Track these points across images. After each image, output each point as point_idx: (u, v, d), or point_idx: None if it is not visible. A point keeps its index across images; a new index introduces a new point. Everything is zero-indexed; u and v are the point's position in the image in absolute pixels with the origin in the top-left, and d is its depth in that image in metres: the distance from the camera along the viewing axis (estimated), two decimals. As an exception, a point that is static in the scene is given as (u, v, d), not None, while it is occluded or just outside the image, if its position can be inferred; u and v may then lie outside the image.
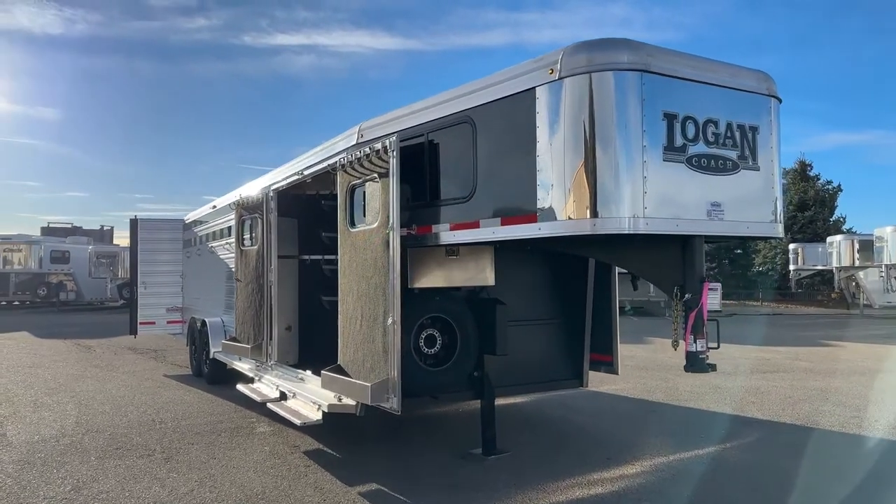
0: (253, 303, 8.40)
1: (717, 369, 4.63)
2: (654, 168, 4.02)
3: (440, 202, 5.20)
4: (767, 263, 39.26)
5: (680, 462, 6.20)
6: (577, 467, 5.98)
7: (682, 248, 4.43)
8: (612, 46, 4.08)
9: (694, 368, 4.47)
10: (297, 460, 6.32)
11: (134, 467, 6.15)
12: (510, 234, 4.47)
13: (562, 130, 4.11)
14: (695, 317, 4.33)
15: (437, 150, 5.22)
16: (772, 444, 6.83)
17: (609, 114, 3.99)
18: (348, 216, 5.85)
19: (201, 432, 7.45)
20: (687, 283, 4.40)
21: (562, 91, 4.11)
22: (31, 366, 13.08)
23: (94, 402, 9.23)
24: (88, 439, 7.17)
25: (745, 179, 4.49)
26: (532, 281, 6.92)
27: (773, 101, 4.69)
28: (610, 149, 3.99)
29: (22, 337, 19.29)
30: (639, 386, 10.11)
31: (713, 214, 4.28)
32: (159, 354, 14.66)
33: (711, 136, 4.28)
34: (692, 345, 4.41)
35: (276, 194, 7.99)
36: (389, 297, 5.10)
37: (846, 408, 8.57)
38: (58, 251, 32.19)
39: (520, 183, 4.36)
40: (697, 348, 4.41)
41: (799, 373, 11.73)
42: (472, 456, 6.32)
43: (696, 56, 4.37)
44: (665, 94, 4.08)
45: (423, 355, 6.14)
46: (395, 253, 5.08)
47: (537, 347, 6.94)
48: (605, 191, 3.98)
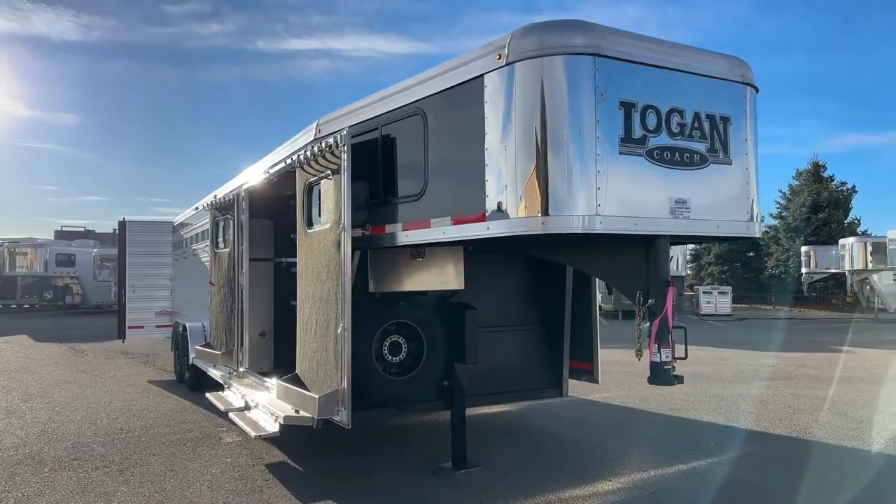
0: (225, 307, 8.11)
1: (683, 381, 4.24)
2: (608, 162, 3.66)
3: (394, 200, 4.86)
4: (780, 266, 38.49)
5: (660, 478, 5.81)
6: (549, 483, 5.61)
7: (645, 250, 4.05)
8: (563, 28, 3.72)
9: (658, 380, 4.09)
10: (257, 474, 6.00)
11: (85, 480, 5.87)
12: (460, 234, 4.12)
13: (511, 122, 3.76)
14: (659, 324, 3.95)
15: (392, 144, 4.89)
16: (761, 459, 6.41)
17: (560, 104, 3.63)
18: (306, 216, 5.54)
19: (167, 442, 7.16)
20: (651, 287, 4.02)
21: (510, 78, 3.76)
22: (19, 370, 12.91)
23: (67, 409, 8.99)
24: (49, 449, 6.91)
25: (716, 174, 4.10)
26: (507, 285, 6.56)
27: (748, 89, 4.30)
28: (561, 143, 3.63)
29: (20, 340, 19.20)
30: (632, 394, 9.71)
31: (678, 212, 3.90)
32: (150, 359, 14.44)
33: (676, 127, 3.90)
34: (656, 354, 4.03)
35: (247, 194, 7.68)
36: (340, 303, 4.77)
37: (847, 418, 8.13)
38: (63, 254, 32.21)
39: (469, 179, 4.02)
40: (662, 358, 4.02)
41: (803, 380, 11.25)
42: (441, 470, 5.98)
43: (660, 39, 3.99)
44: (622, 80, 3.71)
45: (387, 364, 5.81)
46: (345, 255, 4.75)
47: (513, 355, 6.58)
48: (556, 187, 3.62)
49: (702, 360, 13.97)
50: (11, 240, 32.95)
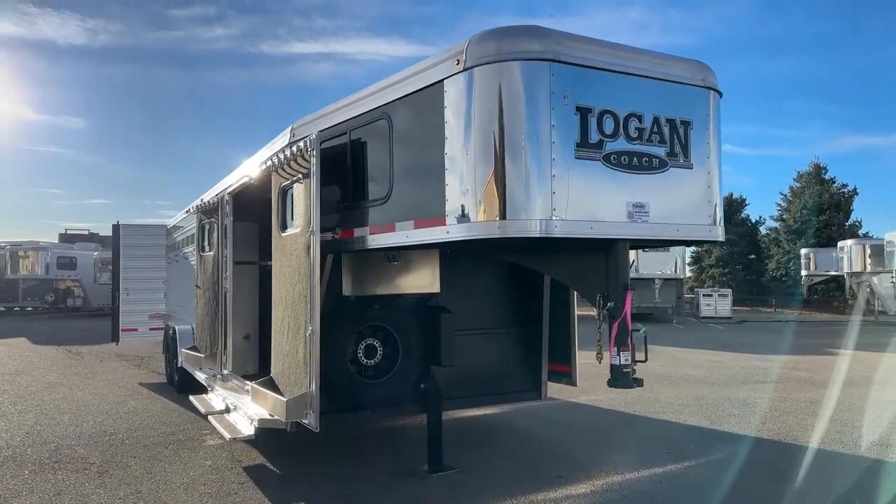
0: (210, 311, 8.14)
1: (643, 384, 4.25)
2: (564, 167, 3.67)
3: (363, 204, 4.89)
4: (781, 269, 38.36)
5: (635, 481, 5.81)
6: (522, 485, 5.62)
7: (605, 254, 4.06)
8: (520, 34, 3.74)
9: (618, 384, 4.10)
10: (234, 477, 6.03)
11: (63, 482, 5.91)
12: (422, 238, 4.15)
13: (470, 127, 3.79)
14: (618, 327, 3.96)
15: (361, 148, 4.92)
16: (740, 462, 6.41)
17: (516, 109, 3.65)
18: (280, 220, 5.57)
19: (149, 444, 7.20)
20: (610, 290, 4.03)
21: (468, 83, 3.79)
22: (13, 373, 12.97)
23: (56, 411, 9.04)
24: (32, 451, 6.95)
25: (676, 178, 4.11)
26: (485, 288, 6.58)
27: (711, 93, 4.31)
28: (518, 148, 3.65)
29: (18, 343, 19.29)
30: (619, 397, 9.68)
31: (636, 216, 3.91)
32: (143, 362, 14.50)
33: (634, 132, 3.91)
34: (616, 357, 4.04)
35: (231, 198, 7.72)
36: (308, 306, 4.80)
37: (832, 422, 8.11)
38: (65, 257, 32.31)
39: (431, 183, 4.04)
40: (621, 361, 4.03)
41: (793, 383, 11.22)
42: (417, 473, 5.99)
43: (619, 44, 4.01)
44: (578, 85, 3.73)
45: (363, 366, 5.83)
46: (315, 258, 4.78)
47: (491, 358, 6.59)
48: (513, 192, 3.64)
49: (695, 363, 13.97)
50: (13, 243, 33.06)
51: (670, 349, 16.97)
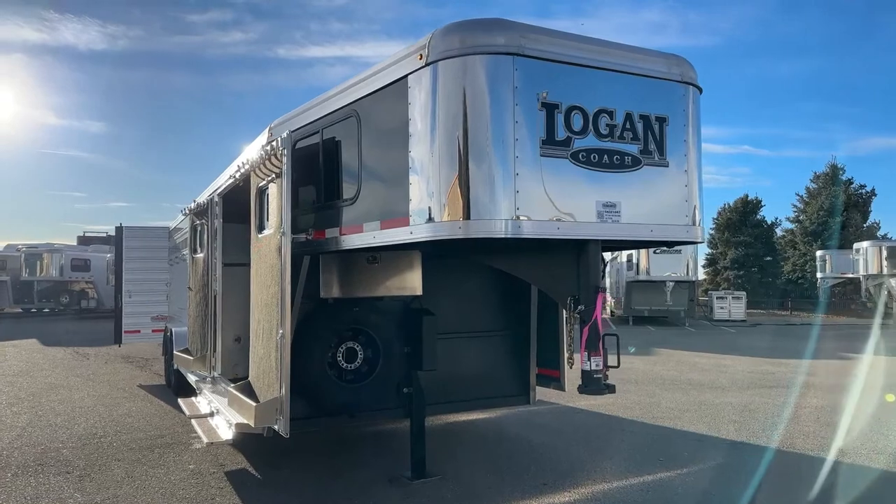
0: (200, 313, 8.09)
1: (615, 391, 4.09)
2: (528, 165, 3.54)
3: (336, 204, 4.78)
4: (797, 271, 37.74)
5: (620, 490, 5.65)
6: (504, 493, 5.50)
7: (577, 255, 3.91)
8: (483, 27, 3.61)
9: (588, 389, 3.95)
10: (214, 482, 5.95)
11: (44, 485, 5.87)
12: (387, 239, 4.03)
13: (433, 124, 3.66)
14: (589, 331, 3.81)
15: (332, 147, 4.82)
16: (731, 470, 6.22)
17: (479, 105, 3.53)
18: (258, 221, 5.48)
19: (136, 447, 7.15)
20: (581, 292, 3.88)
21: (432, 78, 3.67)
22: (17, 374, 13.05)
23: (50, 413, 9.04)
24: (19, 454, 6.94)
25: (651, 177, 3.96)
26: (470, 291, 6.44)
27: (689, 88, 4.14)
28: (481, 146, 3.52)
29: (27, 344, 19.44)
30: (618, 402, 9.50)
31: (606, 216, 3.77)
32: (147, 364, 14.53)
33: (605, 129, 3.76)
34: (586, 362, 3.89)
35: (220, 199, 7.66)
36: (279, 308, 4.70)
37: (834, 428, 7.87)
38: (79, 259, 32.63)
39: (395, 182, 3.93)
40: (592, 366, 3.88)
41: (800, 388, 10.95)
42: (398, 479, 5.87)
43: (588, 37, 3.86)
44: (544, 80, 3.59)
45: (342, 371, 5.73)
46: (285, 260, 4.68)
47: (477, 362, 6.46)
48: (476, 191, 3.52)
49: (700, 367, 13.72)
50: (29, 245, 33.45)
51: (678, 352, 16.71)
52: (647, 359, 15.16)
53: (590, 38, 3.87)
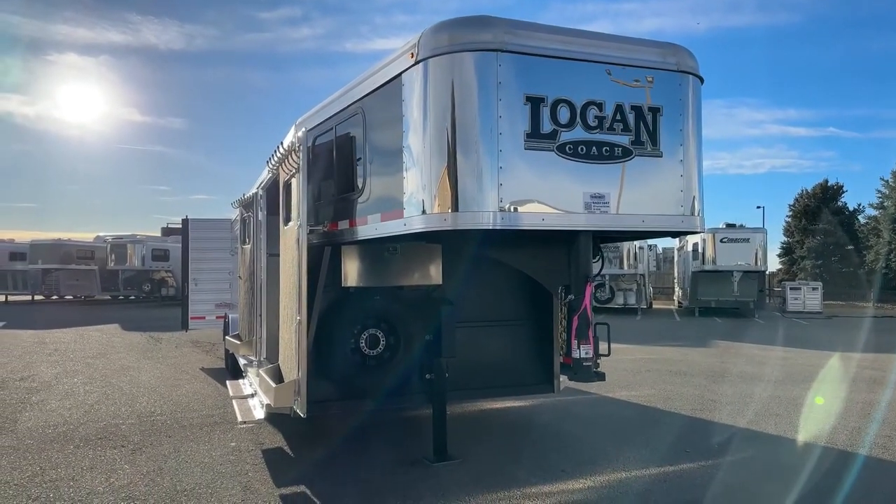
0: (248, 300, 8.56)
1: (605, 378, 4.14)
2: (513, 158, 3.64)
3: (349, 197, 5.02)
4: (881, 260, 35.64)
5: (637, 479, 5.67)
6: (520, 478, 5.62)
7: (568, 245, 3.98)
8: (470, 24, 3.73)
9: (577, 377, 4.03)
10: (250, 458, 6.34)
11: (100, 457, 6.41)
12: (386, 231, 4.22)
13: (424, 119, 3.82)
14: (578, 320, 3.88)
15: (344, 143, 5.05)
16: (760, 464, 6.11)
17: (466, 100, 3.66)
18: (285, 213, 5.80)
19: (187, 425, 7.66)
20: (572, 282, 3.95)
21: (423, 76, 3.82)
22: (95, 356, 14.06)
23: (118, 392, 9.75)
24: (83, 428, 7.56)
25: (643, 167, 3.97)
26: (493, 280, 6.56)
27: (687, 77, 4.12)
28: (468, 140, 3.66)
29: (110, 329, 20.81)
30: (658, 392, 9.42)
31: (594, 207, 3.81)
32: (213, 349, 15.32)
33: (593, 121, 3.81)
34: (576, 351, 3.97)
35: (264, 192, 8.07)
36: (299, 296, 4.99)
37: (885, 425, 7.55)
38: (159, 250, 34.53)
39: (393, 176, 4.11)
40: (581, 355, 3.95)
41: (859, 383, 10.50)
42: (420, 462, 6.10)
43: (577, 30, 3.90)
44: (528, 75, 3.67)
45: (365, 356, 5.98)
46: (302, 250, 4.96)
47: (499, 350, 6.58)
48: (463, 184, 3.66)
49: (758, 360, 13.32)
50: (115, 236, 35.65)
51: (738, 344, 16.23)
52: (703, 350, 14.82)
53: (579, 31, 3.91)
